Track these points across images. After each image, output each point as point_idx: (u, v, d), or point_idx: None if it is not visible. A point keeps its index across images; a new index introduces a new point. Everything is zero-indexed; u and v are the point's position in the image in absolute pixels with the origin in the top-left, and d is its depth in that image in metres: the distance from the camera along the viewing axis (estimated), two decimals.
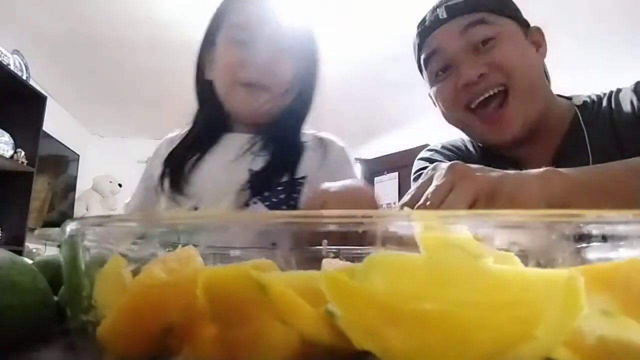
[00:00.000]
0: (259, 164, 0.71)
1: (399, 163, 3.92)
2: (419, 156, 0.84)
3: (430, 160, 0.79)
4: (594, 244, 0.20)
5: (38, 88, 2.72)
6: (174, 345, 0.19)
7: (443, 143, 0.83)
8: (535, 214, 0.18)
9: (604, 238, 0.19)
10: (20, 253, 2.08)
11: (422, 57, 0.73)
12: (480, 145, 0.79)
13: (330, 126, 0.82)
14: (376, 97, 3.35)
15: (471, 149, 0.80)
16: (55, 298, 0.31)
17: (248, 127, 0.75)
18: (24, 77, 2.58)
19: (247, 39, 0.70)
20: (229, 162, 0.71)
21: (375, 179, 3.99)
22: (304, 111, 0.76)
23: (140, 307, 0.20)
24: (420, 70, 0.79)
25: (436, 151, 0.82)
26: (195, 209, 0.70)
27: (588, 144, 0.67)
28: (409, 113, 3.58)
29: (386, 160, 4.13)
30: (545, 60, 0.74)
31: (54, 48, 2.78)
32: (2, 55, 2.43)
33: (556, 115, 0.71)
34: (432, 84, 0.75)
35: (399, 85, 3.19)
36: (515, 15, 0.71)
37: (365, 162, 4.09)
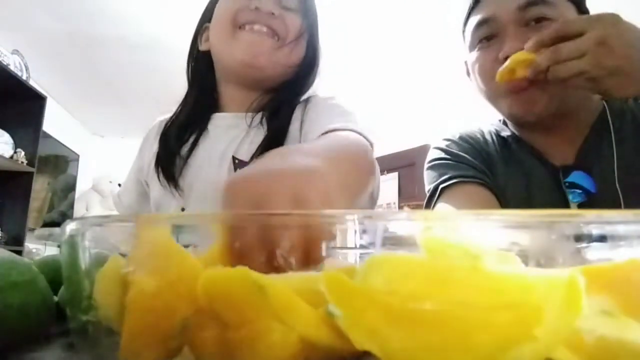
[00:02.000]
0: (244, 148, 0.66)
1: (399, 163, 3.93)
2: (435, 145, 0.81)
3: (446, 151, 0.77)
4: (594, 244, 0.20)
5: (38, 88, 2.72)
6: (185, 342, 0.19)
7: (461, 133, 0.81)
8: (535, 214, 0.18)
9: (604, 238, 0.19)
10: (20, 253, 2.08)
11: (475, 20, 0.70)
12: (512, 132, 0.77)
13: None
14: (376, 97, 3.35)
15: (489, 139, 0.79)
16: (55, 298, 0.31)
17: (240, 103, 0.69)
18: (24, 77, 2.59)
19: None
20: (216, 154, 0.68)
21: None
22: (308, 82, 0.71)
23: (156, 304, 0.20)
24: (464, 26, 0.75)
25: (453, 141, 0.79)
26: (183, 209, 0.68)
27: (613, 139, 0.67)
28: (409, 113, 3.58)
29: (386, 160, 4.13)
30: None
31: (54, 48, 2.78)
32: (2, 55, 2.43)
33: (585, 107, 0.70)
34: (471, 49, 0.73)
35: (399, 85, 3.19)
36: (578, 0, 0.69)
37: None
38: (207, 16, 0.72)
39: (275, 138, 0.64)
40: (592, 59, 0.52)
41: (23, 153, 2.46)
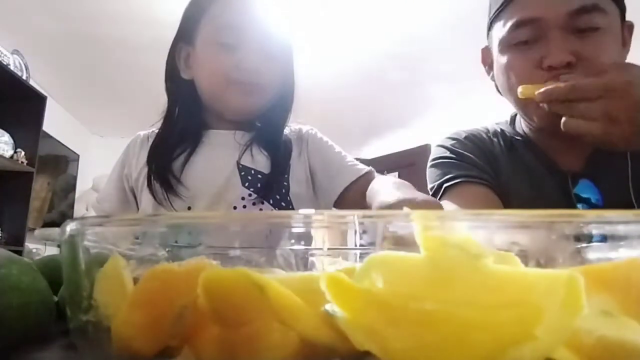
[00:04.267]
0: (247, 158, 0.72)
1: (399, 163, 3.93)
2: (439, 143, 0.80)
3: (450, 150, 0.76)
4: (594, 244, 0.20)
5: (38, 88, 2.72)
6: (185, 334, 0.19)
7: (467, 133, 0.79)
8: (535, 214, 0.18)
9: (604, 238, 0.19)
10: (20, 253, 2.08)
11: (515, 18, 0.64)
12: (519, 134, 0.75)
13: (331, 126, 0.83)
14: (376, 97, 3.35)
15: (495, 140, 0.77)
16: (55, 298, 0.31)
17: (229, 124, 0.75)
18: (24, 77, 2.59)
19: (236, 42, 0.70)
20: (219, 160, 0.72)
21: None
22: (288, 106, 0.78)
23: (155, 291, 0.20)
24: (492, 21, 0.70)
25: (458, 140, 0.78)
26: (189, 209, 0.70)
27: (629, 152, 0.65)
28: (409, 113, 3.58)
29: (386, 160, 4.14)
30: None
31: (54, 48, 2.78)
32: (2, 55, 2.43)
33: None
34: (504, 47, 0.67)
35: (399, 85, 3.19)
36: (621, 1, 0.65)
37: (365, 162, 4.09)
38: (182, 36, 0.75)
39: (280, 157, 0.73)
40: (601, 126, 0.51)
41: (23, 153, 2.46)
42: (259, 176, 0.72)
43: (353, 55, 2.84)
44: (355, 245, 0.21)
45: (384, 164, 3.96)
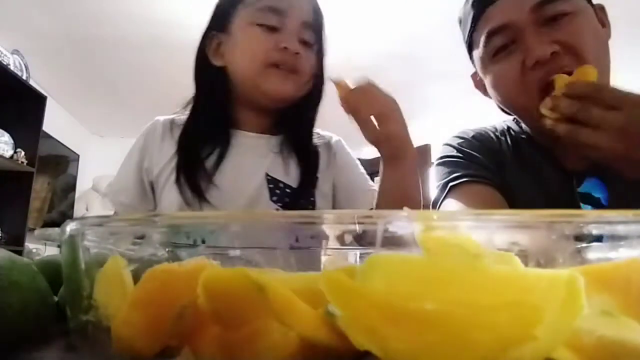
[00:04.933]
0: (277, 169, 0.71)
1: None
2: (446, 142, 0.79)
3: (457, 149, 0.75)
4: (594, 244, 0.20)
5: (38, 88, 2.72)
6: (185, 334, 0.19)
7: (474, 132, 0.78)
8: (535, 214, 0.18)
9: (604, 238, 0.19)
10: (20, 253, 2.08)
11: (485, 31, 0.65)
12: (525, 133, 0.74)
13: (331, 126, 0.82)
14: None
15: (502, 138, 0.76)
16: (55, 298, 0.31)
17: (257, 123, 0.74)
18: (24, 77, 2.59)
19: (277, 23, 0.68)
20: (248, 169, 0.71)
21: (375, 179, 3.99)
22: (317, 102, 0.75)
23: (156, 291, 0.20)
24: (470, 46, 0.71)
25: (465, 139, 0.77)
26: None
27: None
28: (409, 113, 3.57)
29: None
30: None
31: (54, 48, 2.78)
32: (2, 55, 2.43)
33: None
34: (487, 64, 0.68)
35: (399, 85, 3.19)
36: None
37: (366, 162, 4.09)
38: (216, 24, 0.73)
39: (309, 169, 0.73)
40: (609, 139, 0.50)
41: (23, 153, 2.46)
42: (287, 190, 0.71)
43: (353, 55, 2.84)
44: (355, 245, 0.21)
45: None
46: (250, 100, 0.73)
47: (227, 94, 0.73)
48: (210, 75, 0.73)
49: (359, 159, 0.84)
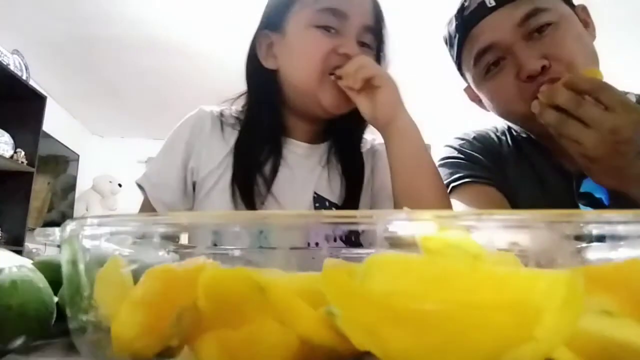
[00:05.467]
0: (323, 184, 0.68)
1: None
2: (448, 143, 0.79)
3: (459, 150, 0.76)
4: (594, 244, 0.20)
5: (38, 88, 2.72)
6: (185, 335, 0.19)
7: (475, 133, 0.79)
8: (535, 214, 0.18)
9: (604, 238, 0.19)
10: (20, 253, 2.08)
11: (474, 52, 0.66)
12: (526, 133, 0.74)
13: None
14: None
15: (503, 139, 0.77)
16: (55, 298, 0.31)
17: (306, 130, 0.71)
18: (24, 77, 2.59)
19: (337, 25, 0.63)
20: (299, 186, 0.68)
21: None
22: (362, 122, 0.69)
23: (156, 291, 0.20)
24: (459, 64, 0.72)
25: (467, 141, 0.77)
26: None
27: None
28: (410, 113, 3.57)
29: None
30: None
31: (54, 48, 2.78)
32: (2, 55, 2.43)
33: None
34: (480, 81, 0.69)
35: (399, 85, 3.19)
36: None
37: None
38: (269, 23, 0.69)
39: (354, 183, 0.69)
40: (597, 136, 0.50)
41: (23, 153, 2.46)
42: (332, 209, 0.67)
43: None
44: (355, 245, 0.21)
45: None
46: (303, 108, 0.68)
47: (277, 98, 0.69)
48: (261, 77, 0.69)
49: None
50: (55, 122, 3.19)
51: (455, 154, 0.76)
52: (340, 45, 0.63)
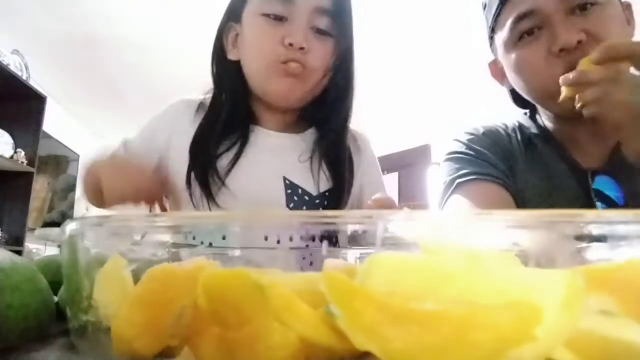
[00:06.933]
0: (299, 173, 0.66)
1: (399, 163, 3.93)
2: (456, 137, 0.78)
3: (467, 145, 0.74)
4: (594, 244, 0.20)
5: (38, 88, 2.72)
6: (185, 334, 0.19)
7: (485, 128, 0.78)
8: (535, 214, 0.18)
9: (604, 238, 0.19)
10: (20, 253, 2.08)
11: (512, 16, 0.64)
12: (538, 128, 0.73)
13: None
14: (376, 96, 3.35)
15: (513, 136, 0.76)
16: (55, 298, 0.31)
17: (277, 120, 0.69)
18: (24, 77, 2.59)
19: (283, 12, 0.61)
20: (264, 169, 0.66)
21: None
22: (348, 101, 0.68)
23: (156, 291, 0.20)
24: (492, 30, 0.70)
25: (476, 136, 0.76)
26: None
27: None
28: (409, 113, 3.58)
29: (386, 161, 4.13)
30: None
31: (54, 48, 2.78)
32: (2, 55, 2.43)
33: None
34: (510, 48, 0.67)
35: (399, 84, 3.19)
36: None
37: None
38: (232, 15, 0.68)
39: (338, 173, 0.67)
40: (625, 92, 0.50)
41: (23, 153, 2.46)
42: (306, 197, 0.65)
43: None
44: (355, 245, 0.21)
45: (384, 164, 3.93)
46: (264, 98, 0.68)
47: (243, 88, 0.68)
48: (225, 68, 0.68)
49: None
50: (55, 122, 3.19)
51: (464, 149, 0.74)
52: (288, 34, 0.60)
